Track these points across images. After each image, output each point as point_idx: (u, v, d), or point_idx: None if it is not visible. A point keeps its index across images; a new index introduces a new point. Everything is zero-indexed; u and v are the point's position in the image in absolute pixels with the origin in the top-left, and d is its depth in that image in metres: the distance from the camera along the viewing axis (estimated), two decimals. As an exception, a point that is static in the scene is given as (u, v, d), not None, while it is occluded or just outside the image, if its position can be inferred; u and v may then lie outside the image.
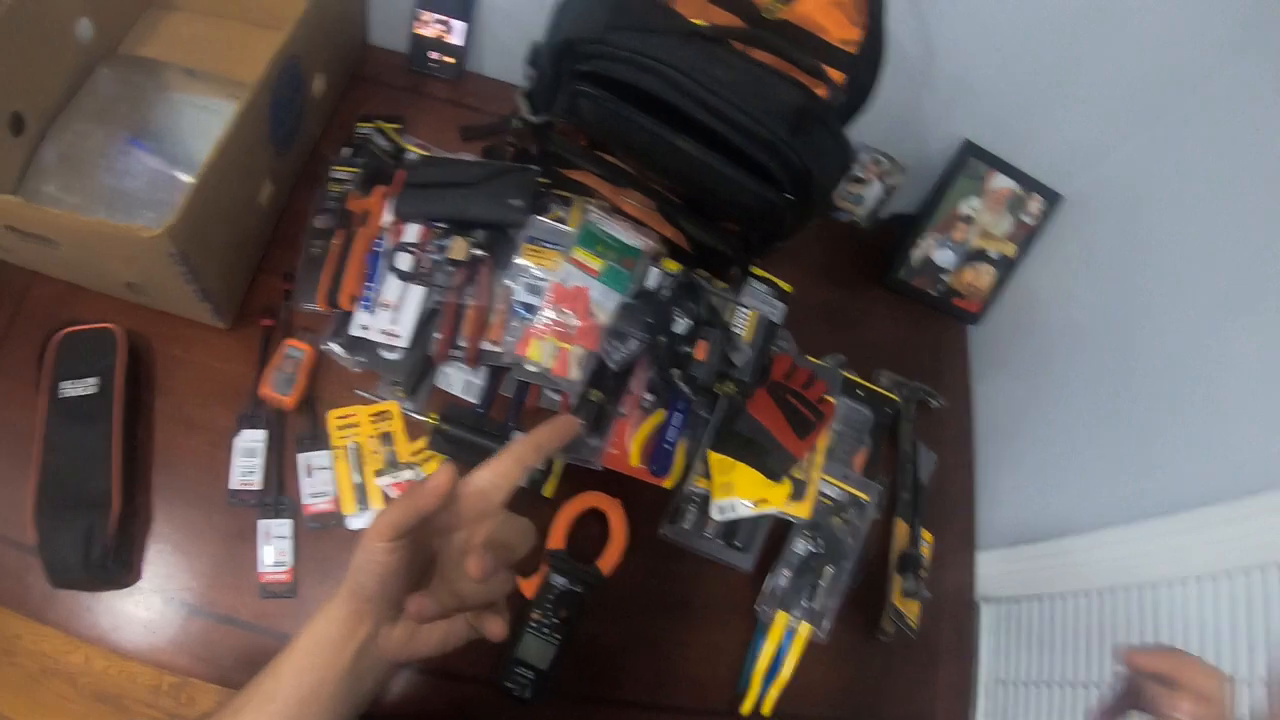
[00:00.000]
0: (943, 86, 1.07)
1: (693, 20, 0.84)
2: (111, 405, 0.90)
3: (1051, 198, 1.15)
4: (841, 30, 0.90)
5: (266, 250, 1.03)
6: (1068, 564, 0.96)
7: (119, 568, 0.87)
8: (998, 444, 1.15)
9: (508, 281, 0.93)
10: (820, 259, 1.14)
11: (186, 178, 1.03)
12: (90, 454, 0.89)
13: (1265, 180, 0.85)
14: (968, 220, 1.17)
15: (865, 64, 0.91)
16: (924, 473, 1.09)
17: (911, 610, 1.01)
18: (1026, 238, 1.18)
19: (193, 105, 1.10)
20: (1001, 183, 1.15)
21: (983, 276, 1.20)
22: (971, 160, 1.14)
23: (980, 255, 1.19)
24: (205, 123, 1.08)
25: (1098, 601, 0.90)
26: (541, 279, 0.92)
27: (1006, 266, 1.19)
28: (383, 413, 0.96)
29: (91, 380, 0.92)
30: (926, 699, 1.02)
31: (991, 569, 1.08)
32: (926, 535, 1.06)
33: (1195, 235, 0.92)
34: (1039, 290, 1.18)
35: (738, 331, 1.00)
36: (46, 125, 1.04)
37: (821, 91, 0.86)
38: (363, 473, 0.94)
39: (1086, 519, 0.94)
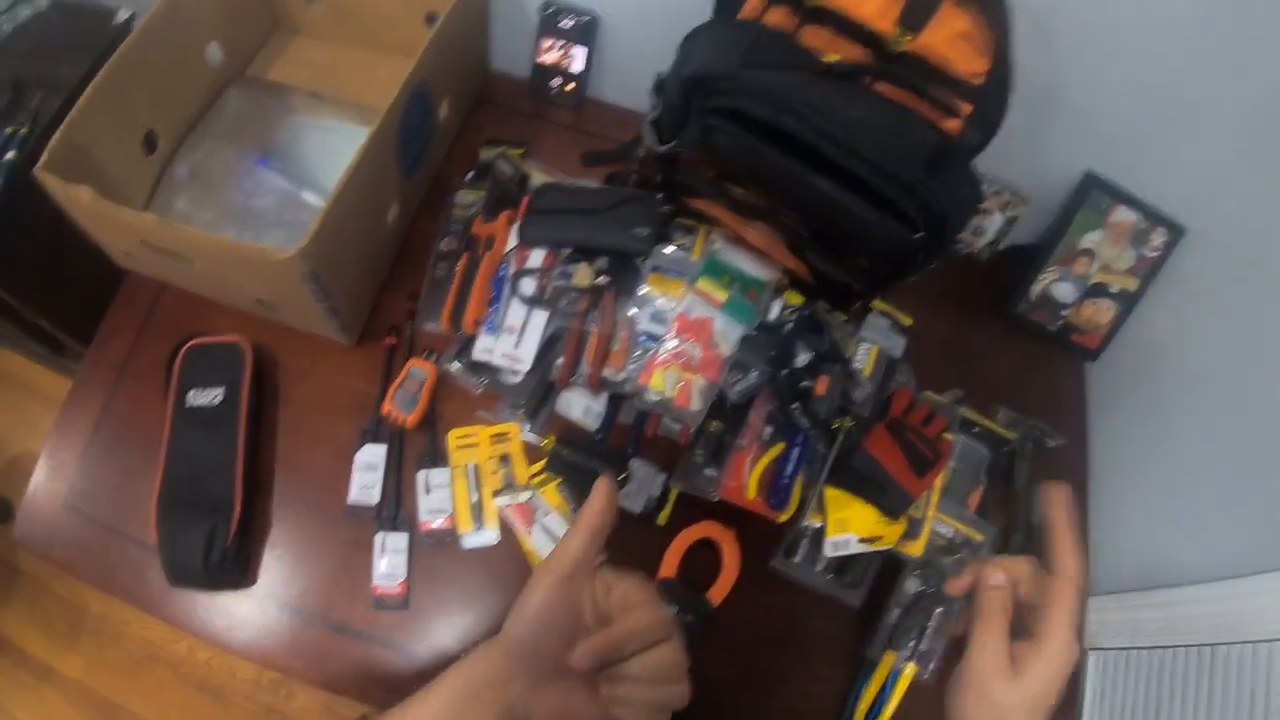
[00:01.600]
0: (1066, 116, 1.04)
1: (824, 57, 0.84)
2: (237, 415, 0.94)
3: (1175, 231, 1.11)
4: (969, 63, 0.88)
5: (392, 271, 1.05)
6: (1180, 615, 0.92)
7: (237, 571, 0.91)
8: (1113, 486, 1.12)
9: (632, 310, 0.93)
10: (939, 291, 1.12)
11: (313, 198, 1.07)
12: (215, 461, 0.92)
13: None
14: (1089, 254, 1.14)
15: (993, 97, 0.89)
16: (1038, 514, 1.06)
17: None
18: (1148, 271, 1.14)
19: (318, 127, 1.14)
20: (1124, 215, 1.11)
21: (1103, 312, 1.16)
22: (1094, 192, 1.10)
23: (1101, 290, 1.15)
24: (330, 144, 1.12)
25: (1208, 656, 0.86)
26: (666, 308, 0.92)
27: (1127, 301, 1.16)
28: (502, 434, 0.97)
29: (218, 390, 0.95)
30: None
31: (1101, 616, 1.05)
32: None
33: None
34: (1160, 327, 1.14)
35: (858, 366, 0.99)
36: (178, 143, 1.09)
37: (953, 127, 0.85)
38: (480, 492, 0.96)
39: (1202, 569, 0.90)
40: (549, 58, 1.16)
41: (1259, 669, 0.80)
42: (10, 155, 1.14)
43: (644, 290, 0.94)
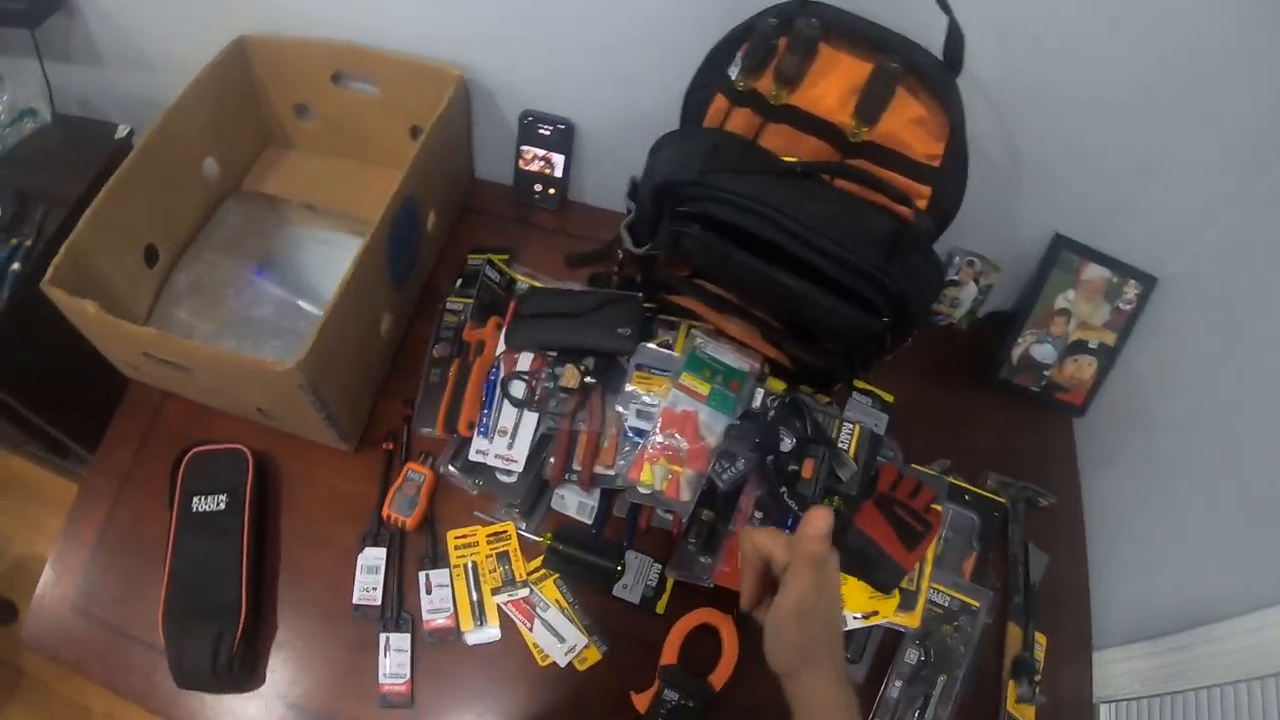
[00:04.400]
0: (1028, 184, 1.07)
1: (784, 158, 0.88)
2: (241, 521, 0.97)
3: (1147, 282, 1.14)
4: (925, 146, 0.92)
5: (387, 378, 1.09)
6: (1190, 658, 0.92)
7: (244, 673, 0.93)
8: (1111, 539, 1.12)
9: (619, 408, 0.97)
10: (921, 364, 1.15)
11: (310, 307, 1.11)
12: (220, 566, 0.95)
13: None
14: (1064, 313, 1.16)
15: (951, 177, 0.92)
16: (1035, 574, 1.08)
17: (1027, 717, 0.99)
18: (1125, 324, 1.16)
19: (313, 239, 1.18)
20: (1095, 272, 1.14)
21: (1084, 368, 1.19)
22: (1063, 253, 1.13)
23: (1080, 347, 1.18)
24: (325, 255, 1.16)
25: (1218, 697, 0.86)
26: (652, 405, 0.96)
27: (1107, 355, 1.18)
28: (500, 533, 1.00)
29: (222, 496, 0.99)
30: (1047, 809, 0.99)
31: (1110, 669, 1.05)
32: (1040, 638, 1.04)
33: None
34: (1142, 377, 1.16)
35: (842, 446, 1.02)
36: (178, 256, 1.14)
37: (907, 214, 0.88)
38: (480, 590, 0.98)
39: (1207, 611, 0.91)
40: (531, 165, 1.21)
41: (1270, 704, 0.80)
42: (16, 266, 1.18)
43: (629, 388, 0.97)
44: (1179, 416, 1.07)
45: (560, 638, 0.95)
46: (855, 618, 0.96)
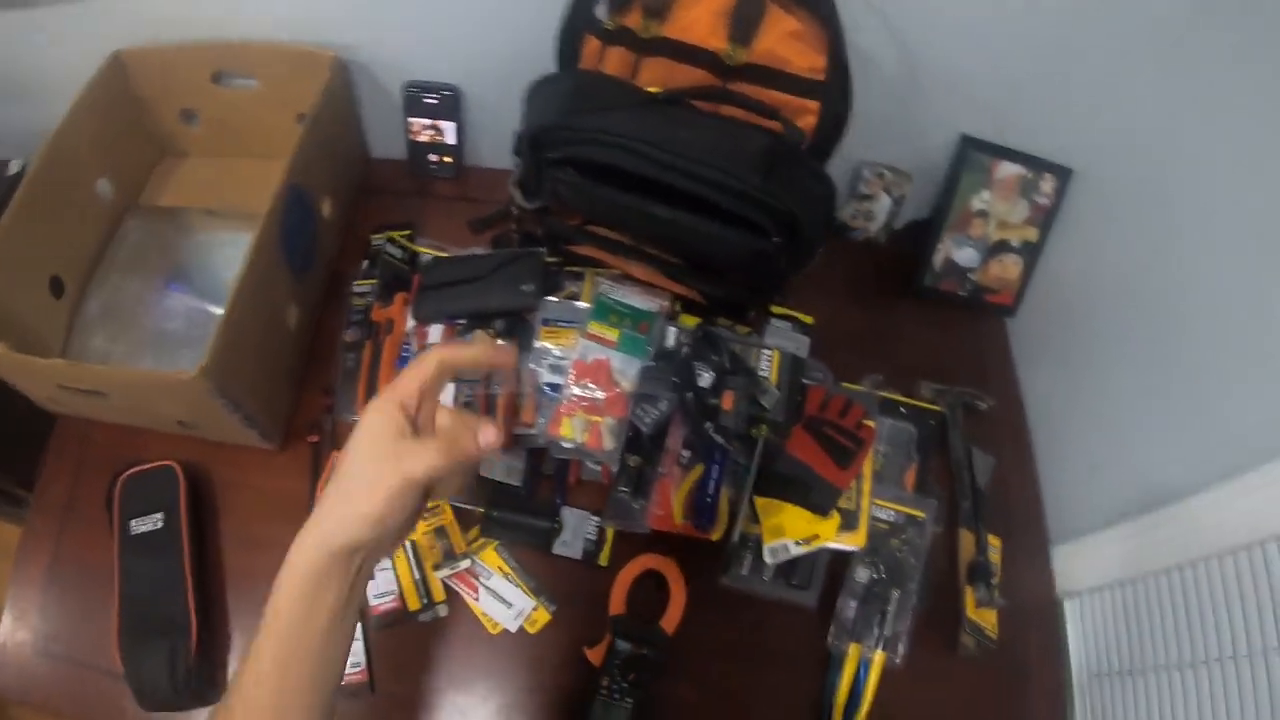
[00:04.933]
0: (929, 88, 1.05)
1: (649, 89, 0.86)
2: (179, 536, 0.97)
3: (1062, 174, 1.12)
4: (806, 59, 0.91)
5: (304, 370, 1.08)
6: (1148, 542, 0.92)
7: (204, 685, 0.92)
8: (1056, 434, 1.12)
9: (531, 365, 0.96)
10: (842, 282, 1.14)
11: (221, 312, 1.09)
12: (165, 583, 0.95)
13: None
14: (982, 214, 1.15)
15: (836, 87, 0.91)
16: (982, 477, 1.07)
17: (989, 620, 0.99)
18: (1045, 219, 1.15)
19: (218, 242, 1.17)
20: (1008, 170, 1.13)
21: (1009, 267, 1.18)
22: (972, 153, 1.12)
23: (1003, 246, 1.17)
24: (233, 257, 1.13)
25: (1189, 573, 0.86)
26: (562, 358, 0.95)
27: (1031, 252, 1.17)
28: (433, 507, 0.99)
29: (158, 515, 0.98)
30: (1020, 708, 0.99)
31: (1070, 563, 1.05)
32: (994, 541, 1.04)
33: (1218, 180, 0.89)
34: (1069, 269, 1.15)
35: (763, 374, 1.01)
36: (85, 282, 1.12)
37: (777, 128, 0.87)
38: (422, 568, 0.97)
39: (1161, 494, 0.90)
40: (422, 136, 1.19)
41: (1229, 579, 0.80)
42: None
43: (538, 344, 0.96)
44: (1112, 305, 1.06)
45: (507, 603, 0.95)
46: (797, 544, 0.96)
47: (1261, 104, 0.84)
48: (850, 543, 0.97)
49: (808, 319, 1.08)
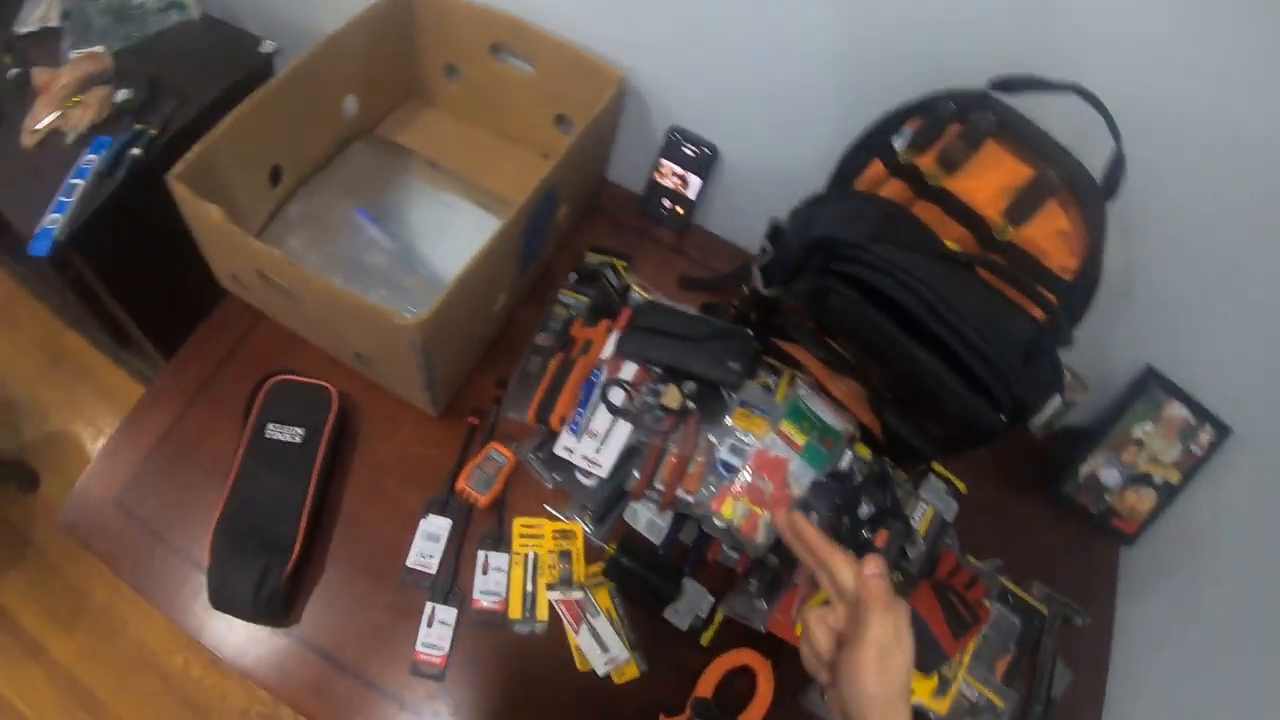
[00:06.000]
0: (1136, 310, 1.09)
1: (945, 242, 0.89)
2: (314, 460, 0.97)
3: (1221, 431, 1.16)
4: (1062, 258, 0.94)
5: (486, 354, 1.10)
6: None
7: (283, 610, 0.93)
8: (1133, 671, 1.14)
9: (712, 438, 0.98)
10: (992, 462, 1.17)
11: (420, 265, 1.11)
12: (283, 500, 0.95)
13: None
14: (1139, 443, 1.18)
15: (1080, 294, 0.94)
16: (1058, 688, 1.09)
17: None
18: (1191, 467, 1.18)
19: (431, 197, 1.19)
20: (1177, 411, 1.16)
21: (1144, 500, 1.21)
22: (1152, 385, 1.16)
23: (1145, 479, 1.20)
24: (440, 217, 1.17)
25: None
26: (747, 443, 0.97)
27: (1168, 493, 1.20)
28: (566, 531, 1.01)
29: (299, 430, 0.99)
30: None
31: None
32: (1051, 753, 1.06)
33: None
34: (1196, 521, 1.18)
35: (915, 525, 1.03)
36: (300, 184, 1.14)
37: (1040, 317, 0.90)
38: (536, 583, 0.98)
39: None
40: (666, 181, 1.22)
41: None
42: (136, 152, 1.18)
43: (729, 422, 0.98)
44: (1222, 569, 1.09)
45: (604, 646, 0.96)
46: (892, 692, 0.97)
47: None
48: (937, 708, 0.99)
49: (963, 486, 1.11)
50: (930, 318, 0.82)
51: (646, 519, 1.00)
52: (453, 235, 1.14)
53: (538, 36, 1.12)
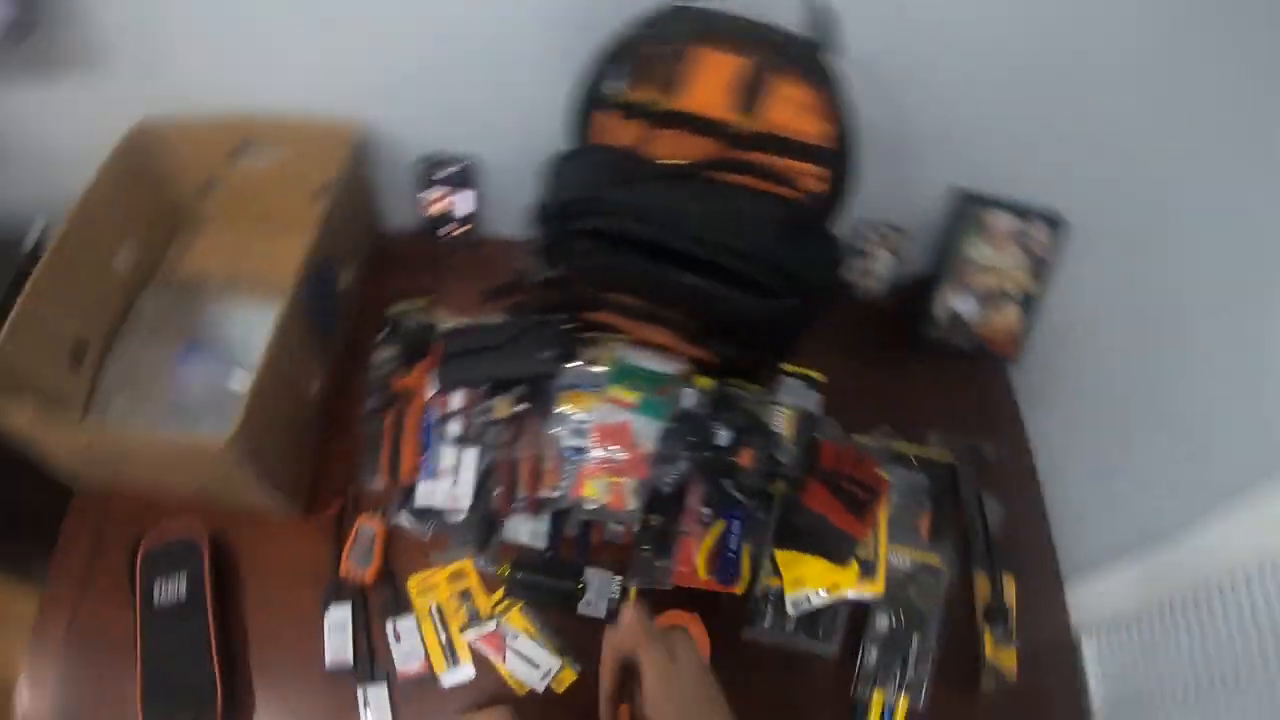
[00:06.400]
0: (919, 145, 1.09)
1: (665, 161, 0.90)
2: (204, 604, 0.97)
3: (1054, 221, 1.16)
4: (815, 127, 0.94)
5: (326, 438, 1.10)
6: (1159, 574, 0.94)
7: None
8: (1064, 475, 1.15)
9: (554, 429, 0.98)
10: (851, 339, 1.17)
11: (239, 382, 1.11)
12: (189, 653, 0.95)
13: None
14: (979, 265, 1.18)
15: (846, 153, 0.95)
16: (993, 523, 1.10)
17: (1008, 661, 1.00)
18: (1042, 268, 1.18)
19: (231, 315, 1.19)
20: (1001, 220, 1.16)
21: (1009, 316, 1.21)
22: (967, 205, 1.16)
23: (1001, 295, 1.20)
24: (250, 325, 1.17)
25: (1204, 596, 0.87)
26: (583, 421, 0.97)
27: (1029, 300, 1.20)
28: (458, 572, 1.01)
29: (181, 585, 0.99)
30: (1043, 744, 1.00)
31: (1084, 600, 1.06)
32: (1010, 583, 1.06)
33: (1207, 218, 0.93)
34: (1069, 317, 1.18)
35: (778, 430, 1.03)
36: (106, 349, 1.13)
37: (792, 194, 0.90)
38: (448, 631, 0.98)
39: (1168, 524, 0.92)
40: (435, 208, 1.22)
41: (1244, 605, 0.81)
42: None
43: (560, 409, 0.98)
44: (1106, 350, 1.09)
45: (534, 664, 0.96)
46: (819, 594, 0.98)
47: (1243, 150, 0.88)
48: (870, 590, 0.99)
49: (819, 376, 1.11)
50: (669, 237, 0.83)
51: (528, 529, 1.01)
52: (261, 343, 1.14)
53: (269, 124, 1.12)
